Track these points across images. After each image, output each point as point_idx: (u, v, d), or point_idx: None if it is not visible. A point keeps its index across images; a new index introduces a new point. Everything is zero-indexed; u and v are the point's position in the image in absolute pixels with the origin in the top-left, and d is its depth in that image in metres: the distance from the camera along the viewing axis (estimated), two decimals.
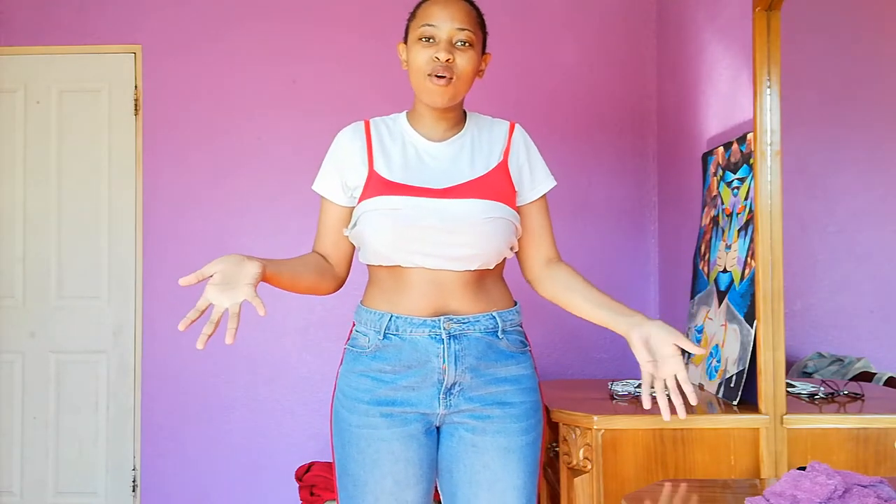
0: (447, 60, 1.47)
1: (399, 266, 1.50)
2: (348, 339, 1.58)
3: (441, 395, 1.47)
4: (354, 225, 1.54)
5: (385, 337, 1.50)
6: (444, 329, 1.47)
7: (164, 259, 3.19)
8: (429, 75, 1.48)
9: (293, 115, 3.17)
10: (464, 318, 1.48)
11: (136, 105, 3.22)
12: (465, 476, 1.49)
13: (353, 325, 1.58)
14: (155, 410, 3.17)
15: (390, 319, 1.49)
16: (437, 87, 1.48)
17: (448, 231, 1.46)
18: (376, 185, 1.50)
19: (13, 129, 3.24)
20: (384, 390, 1.48)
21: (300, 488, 2.73)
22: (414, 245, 1.47)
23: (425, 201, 1.47)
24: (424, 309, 1.49)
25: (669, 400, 1.35)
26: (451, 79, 1.47)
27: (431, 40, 1.48)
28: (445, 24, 1.48)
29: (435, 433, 1.52)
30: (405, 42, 1.55)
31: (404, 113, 1.62)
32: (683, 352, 1.37)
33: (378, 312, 1.52)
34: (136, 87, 3.22)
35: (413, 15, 1.54)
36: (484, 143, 1.58)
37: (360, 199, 1.51)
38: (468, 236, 1.47)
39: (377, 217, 1.47)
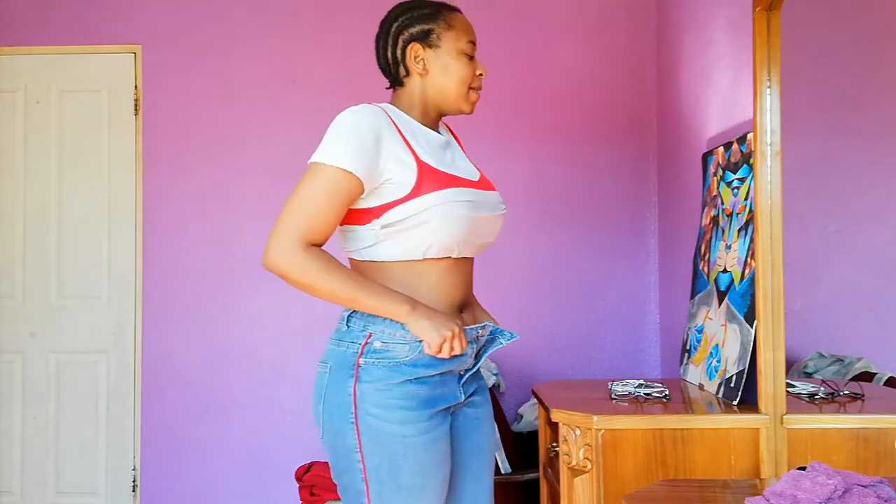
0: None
1: (442, 259, 1.48)
2: (362, 353, 1.45)
3: (461, 385, 1.53)
4: (406, 218, 1.44)
5: None
6: (479, 336, 1.53)
7: (164, 259, 3.19)
8: (472, 88, 1.58)
9: (293, 115, 3.17)
10: (485, 324, 1.56)
11: (136, 105, 3.22)
12: (473, 450, 1.58)
13: (370, 335, 1.45)
14: (155, 410, 3.17)
15: None
16: (475, 98, 1.59)
17: (495, 220, 1.56)
18: (436, 177, 1.46)
19: (13, 129, 3.24)
20: (425, 391, 1.47)
21: (300, 488, 2.74)
22: (472, 236, 1.51)
23: (479, 192, 1.53)
24: (454, 306, 1.52)
25: None
26: None
27: (471, 56, 1.57)
28: (475, 40, 1.58)
29: None
30: (425, 44, 1.54)
31: (389, 104, 1.57)
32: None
33: None
34: (136, 87, 3.22)
35: (447, 24, 1.55)
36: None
37: (421, 192, 1.43)
38: (498, 227, 1.59)
39: (457, 209, 1.45)
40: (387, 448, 1.43)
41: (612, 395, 2.00)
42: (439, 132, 1.60)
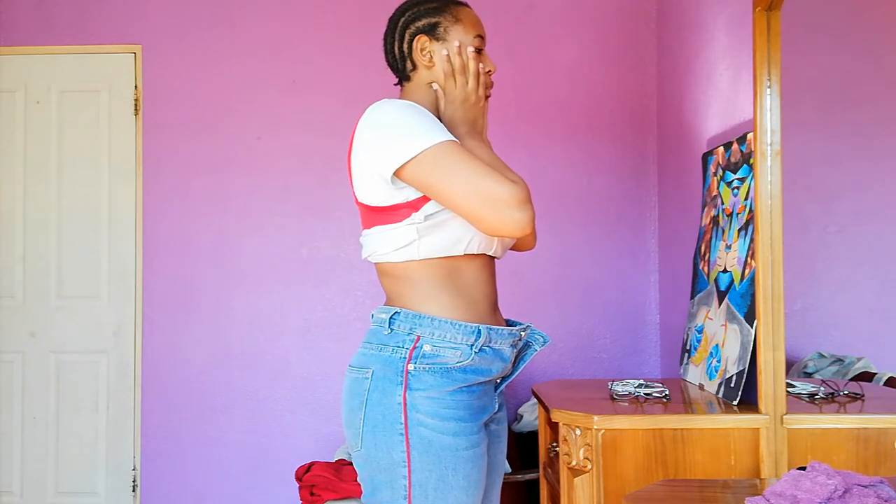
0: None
1: (479, 256, 1.45)
2: (411, 357, 1.38)
3: (497, 394, 1.50)
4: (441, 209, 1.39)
5: (480, 351, 1.41)
6: (521, 338, 1.49)
7: (164, 259, 3.19)
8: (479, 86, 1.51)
9: (293, 115, 3.17)
10: (527, 325, 1.52)
11: (136, 105, 3.22)
12: (489, 466, 1.51)
13: (418, 338, 1.39)
14: (155, 410, 3.17)
15: (488, 334, 1.41)
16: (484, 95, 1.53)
17: None
18: None
19: (13, 129, 3.24)
20: (474, 399, 1.42)
21: (300, 488, 2.73)
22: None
23: None
24: (492, 307, 1.48)
25: None
26: None
27: (479, 50, 1.51)
28: (484, 35, 1.52)
29: None
30: (431, 37, 1.49)
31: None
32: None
33: (471, 326, 1.40)
34: (136, 87, 3.22)
35: (454, 17, 1.50)
36: None
37: None
38: None
39: None
40: (438, 462, 1.35)
41: (613, 395, 1.99)
42: None
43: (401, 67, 1.54)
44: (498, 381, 1.50)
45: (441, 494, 1.36)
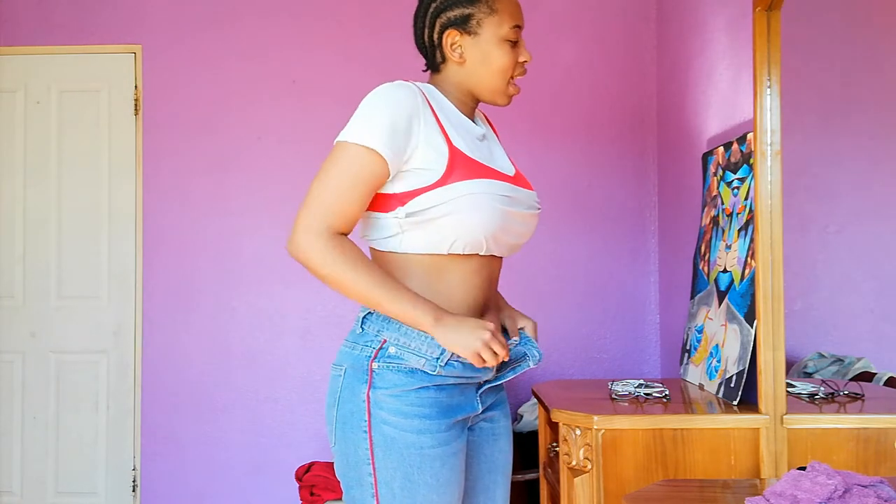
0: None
1: (469, 256, 1.39)
2: (376, 356, 1.37)
3: (478, 396, 1.45)
4: (432, 207, 1.34)
5: (447, 365, 1.37)
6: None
7: (164, 259, 3.19)
8: (512, 79, 1.48)
9: (293, 115, 3.17)
10: (511, 340, 1.48)
11: (136, 105, 3.22)
12: (486, 465, 1.49)
13: (385, 341, 1.37)
14: (155, 410, 3.17)
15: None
16: (514, 91, 1.48)
17: (530, 219, 1.46)
18: (468, 165, 1.36)
19: (13, 129, 3.24)
20: (444, 397, 1.38)
21: (300, 488, 2.73)
22: (503, 233, 1.39)
23: (513, 187, 1.41)
24: (473, 308, 1.41)
25: None
26: None
27: (515, 42, 1.46)
28: (522, 24, 1.47)
29: None
30: (463, 31, 1.43)
31: (427, 84, 1.46)
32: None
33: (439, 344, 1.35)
34: (136, 87, 3.22)
35: (489, 8, 1.43)
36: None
37: (450, 180, 1.34)
38: (532, 227, 1.48)
39: (488, 201, 1.34)
40: (402, 460, 1.34)
41: (613, 395, 1.99)
42: (475, 122, 1.49)
43: (430, 56, 1.48)
44: (480, 382, 1.44)
45: (408, 493, 1.34)
